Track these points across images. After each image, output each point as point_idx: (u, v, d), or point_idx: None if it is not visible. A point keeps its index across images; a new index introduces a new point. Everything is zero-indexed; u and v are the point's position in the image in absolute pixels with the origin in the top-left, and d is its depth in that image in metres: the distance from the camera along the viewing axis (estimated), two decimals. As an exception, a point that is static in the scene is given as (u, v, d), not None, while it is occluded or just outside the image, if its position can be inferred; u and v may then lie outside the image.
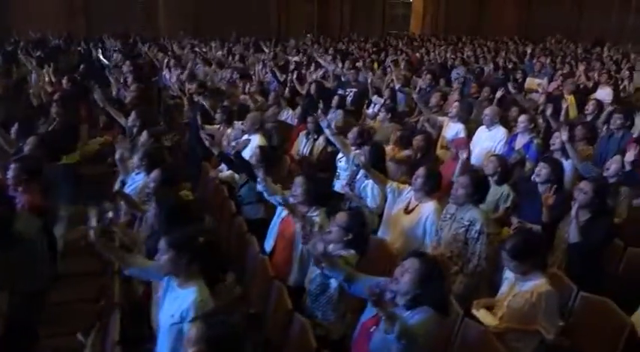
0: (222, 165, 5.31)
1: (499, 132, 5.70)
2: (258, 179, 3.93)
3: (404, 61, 11.56)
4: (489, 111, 5.79)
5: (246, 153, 5.08)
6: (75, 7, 18.61)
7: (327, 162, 5.60)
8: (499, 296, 3.21)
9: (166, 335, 2.62)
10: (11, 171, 3.80)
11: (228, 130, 5.85)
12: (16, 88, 8.96)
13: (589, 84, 9.05)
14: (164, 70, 9.60)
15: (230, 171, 5.14)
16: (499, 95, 6.92)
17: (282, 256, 3.73)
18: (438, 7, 22.66)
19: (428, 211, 3.87)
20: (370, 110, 7.80)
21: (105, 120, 6.90)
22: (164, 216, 3.18)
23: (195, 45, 14.33)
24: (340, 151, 5.09)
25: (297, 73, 9.18)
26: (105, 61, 9.93)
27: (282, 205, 3.68)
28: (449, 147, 5.78)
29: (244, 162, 4.55)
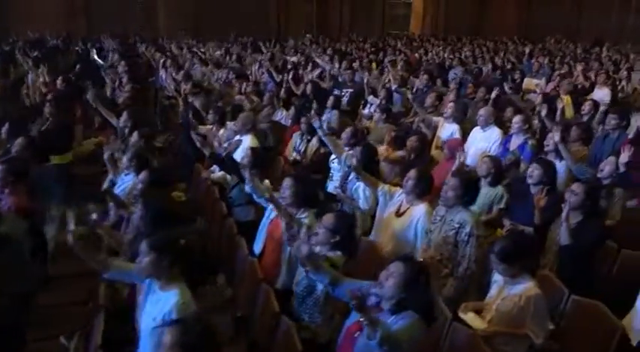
0: (215, 166, 5.29)
1: (494, 133, 5.67)
2: (246, 180, 3.90)
3: (402, 62, 11.53)
4: (484, 112, 5.75)
5: (238, 153, 5.05)
6: (75, 7, 18.62)
7: (321, 163, 5.57)
8: (488, 299, 3.17)
9: (148, 338, 2.59)
10: None
11: (220, 131, 5.81)
12: (13, 88, 8.95)
13: (587, 84, 9.00)
14: (161, 71, 9.56)
15: (222, 172, 5.11)
16: (494, 95, 6.89)
17: (270, 258, 3.70)
18: (438, 7, 22.61)
19: (419, 214, 3.83)
20: (366, 110, 7.78)
21: (100, 120, 6.88)
22: (150, 218, 3.14)
23: (193, 45, 14.31)
24: (332, 152, 5.06)
25: (294, 73, 9.15)
26: (99, 61, 9.90)
27: (268, 201, 3.62)
28: (444, 148, 5.75)
29: (234, 164, 4.53)
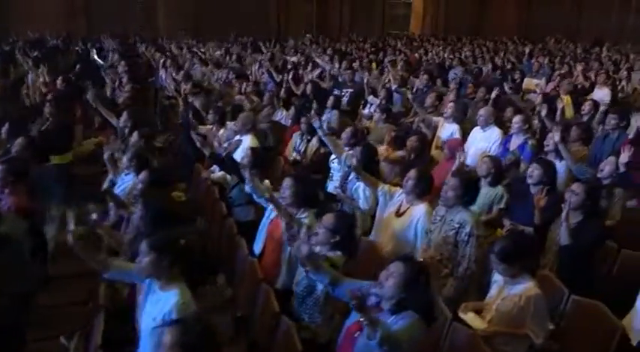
0: (215, 166, 5.29)
1: (494, 133, 5.66)
2: (246, 180, 3.90)
3: (402, 62, 11.52)
4: (484, 112, 5.74)
5: (238, 153, 5.05)
6: (75, 7, 18.61)
7: (321, 163, 5.57)
8: (488, 299, 3.17)
9: (148, 338, 2.59)
10: None
11: (220, 131, 5.81)
12: (13, 88, 8.95)
13: (587, 84, 8.99)
14: (160, 71, 9.56)
15: (222, 172, 5.11)
16: (494, 95, 6.89)
17: (270, 258, 3.70)
18: (438, 7, 22.58)
19: (419, 214, 3.83)
20: (366, 110, 7.77)
21: (100, 120, 6.87)
22: (150, 218, 3.14)
23: (193, 45, 14.30)
24: (332, 152, 5.06)
25: (294, 73, 9.14)
26: (99, 61, 9.90)
27: (268, 201, 3.62)
28: (444, 148, 5.75)
29: (234, 164, 4.52)
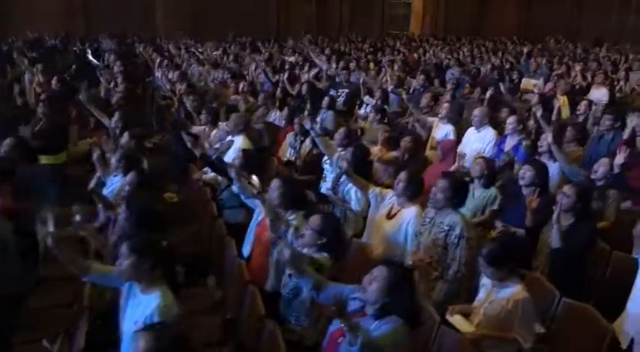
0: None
1: (488, 134, 5.63)
2: (233, 180, 3.86)
3: (400, 62, 11.49)
4: (478, 113, 5.71)
5: (230, 154, 5.02)
6: (74, 7, 18.58)
7: (314, 164, 5.53)
8: (476, 302, 3.14)
9: (130, 342, 2.55)
10: None
11: (213, 131, 5.78)
12: (10, 88, 8.92)
13: (584, 84, 8.95)
14: (157, 71, 9.53)
15: (214, 173, 5.07)
16: (488, 95, 6.85)
17: (258, 261, 3.66)
18: (437, 7, 22.51)
19: (409, 216, 3.79)
20: (362, 111, 7.74)
21: (95, 121, 6.84)
22: (134, 220, 3.11)
23: (191, 45, 14.27)
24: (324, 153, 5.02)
25: (290, 73, 9.11)
26: (94, 62, 9.86)
27: (257, 197, 3.56)
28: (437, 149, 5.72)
29: (223, 165, 4.48)
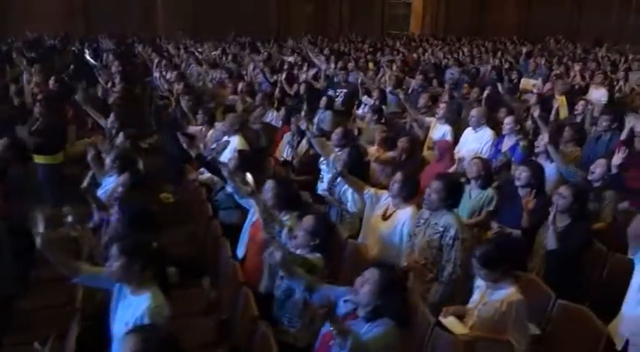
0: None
1: (485, 134, 5.61)
2: (227, 180, 3.84)
3: (399, 62, 11.46)
4: (476, 113, 5.69)
5: (226, 155, 5.00)
6: (74, 7, 18.57)
7: (311, 165, 5.50)
8: (470, 304, 3.12)
9: (119, 344, 2.53)
10: None
11: (209, 131, 5.76)
12: (7, 88, 8.91)
13: (584, 84, 8.92)
14: (155, 71, 9.52)
15: (210, 174, 5.05)
16: (485, 95, 6.83)
17: (253, 262, 3.64)
18: (437, 7, 22.47)
19: (404, 218, 3.77)
20: (360, 111, 7.72)
21: (93, 121, 6.84)
22: (127, 221, 3.10)
23: (191, 45, 14.25)
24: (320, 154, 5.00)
25: (288, 73, 9.09)
26: (92, 61, 9.85)
27: (251, 196, 3.54)
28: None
29: (219, 166, 4.45)
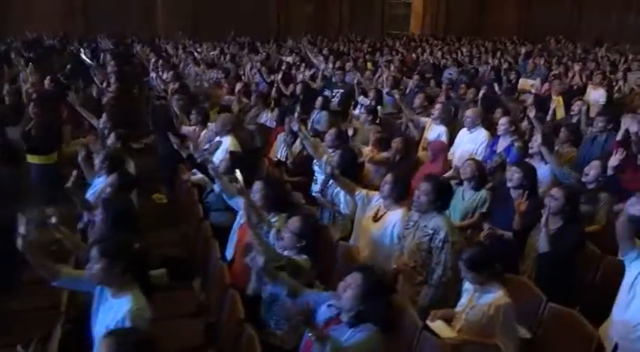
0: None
1: (480, 135, 5.57)
2: (215, 180, 3.81)
3: (397, 62, 11.43)
4: (471, 113, 5.65)
5: (218, 155, 4.97)
6: (74, 7, 18.58)
7: (304, 166, 5.47)
8: (458, 307, 3.08)
9: (97, 347, 2.50)
10: None
11: (203, 132, 5.73)
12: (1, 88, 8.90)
13: (582, 84, 8.87)
14: (152, 71, 9.51)
15: (202, 175, 5.02)
16: (481, 95, 6.79)
17: (240, 264, 3.59)
18: (437, 7, 22.40)
19: (395, 219, 3.73)
20: (357, 111, 7.68)
21: (89, 121, 6.82)
22: (111, 222, 3.07)
23: (190, 45, 14.23)
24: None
25: (285, 73, 9.05)
26: (88, 61, 9.84)
27: (240, 194, 3.50)
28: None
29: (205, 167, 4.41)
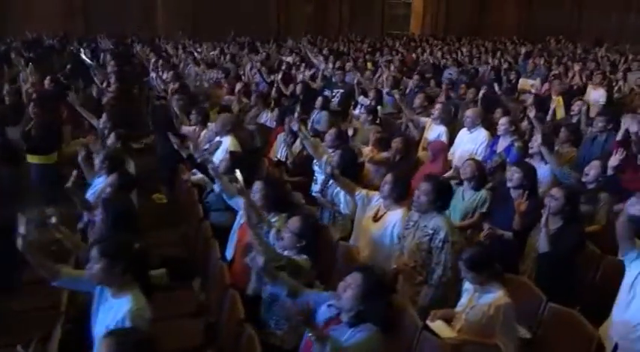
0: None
1: (480, 135, 5.57)
2: (215, 180, 3.81)
3: (397, 62, 11.43)
4: (471, 113, 5.65)
5: (218, 155, 4.97)
6: (74, 7, 18.57)
7: (304, 165, 5.47)
8: (458, 307, 3.08)
9: (97, 347, 2.50)
10: None
11: (203, 132, 5.73)
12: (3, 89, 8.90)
13: (582, 84, 8.86)
14: (151, 71, 9.51)
15: (202, 175, 5.02)
16: (481, 95, 6.79)
17: (240, 264, 3.58)
18: (438, 7, 22.38)
19: (395, 219, 3.73)
20: (357, 111, 7.68)
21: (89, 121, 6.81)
22: (110, 222, 3.07)
23: (190, 45, 14.23)
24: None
25: (285, 73, 9.05)
26: (87, 61, 9.84)
27: (240, 194, 3.50)
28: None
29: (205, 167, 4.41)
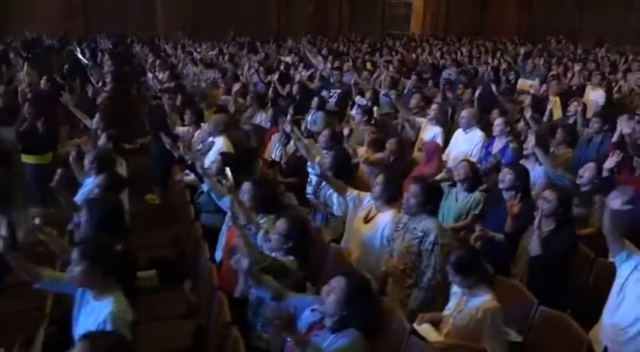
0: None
1: (476, 135, 5.53)
2: (204, 179, 3.79)
3: (396, 62, 11.39)
4: (466, 114, 5.61)
5: (211, 156, 4.95)
6: (74, 7, 18.59)
7: (298, 166, 5.44)
8: (446, 311, 3.05)
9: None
10: None
11: (197, 132, 5.70)
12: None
13: (580, 85, 8.82)
14: (148, 71, 9.50)
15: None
16: (477, 95, 6.75)
17: (228, 266, 3.56)
18: (438, 7, 22.35)
19: (385, 221, 3.68)
20: (354, 111, 7.64)
21: (86, 121, 6.80)
22: (95, 223, 3.04)
23: (189, 45, 14.22)
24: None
25: (282, 73, 9.02)
26: (84, 60, 9.83)
27: (229, 193, 3.47)
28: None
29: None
